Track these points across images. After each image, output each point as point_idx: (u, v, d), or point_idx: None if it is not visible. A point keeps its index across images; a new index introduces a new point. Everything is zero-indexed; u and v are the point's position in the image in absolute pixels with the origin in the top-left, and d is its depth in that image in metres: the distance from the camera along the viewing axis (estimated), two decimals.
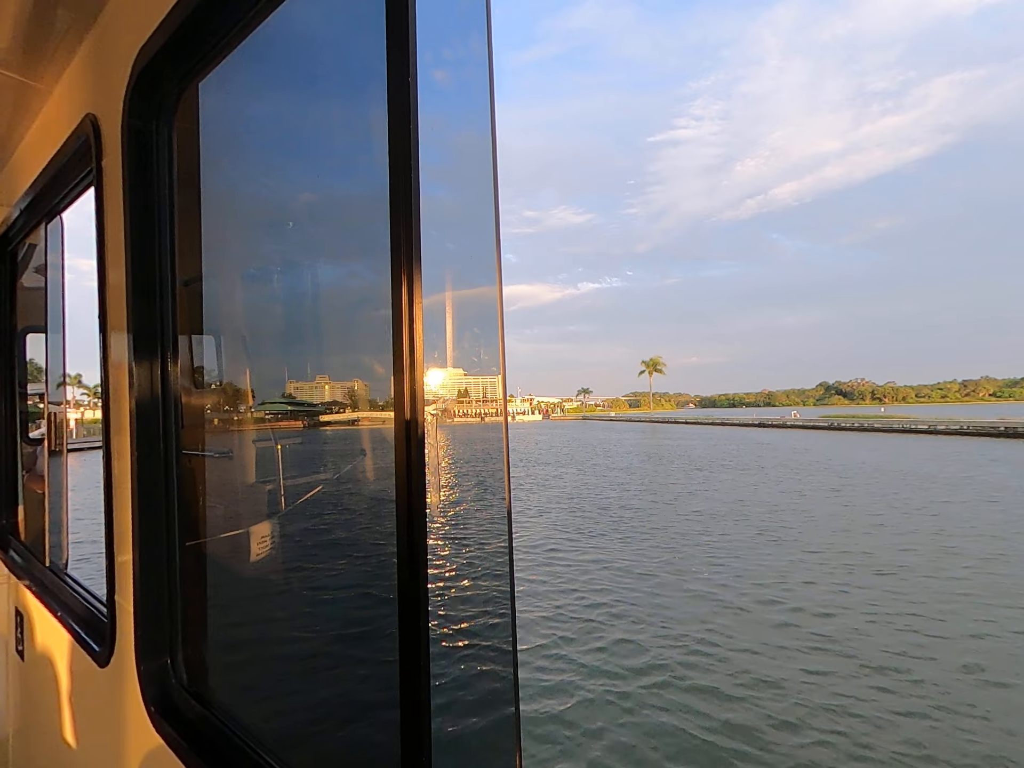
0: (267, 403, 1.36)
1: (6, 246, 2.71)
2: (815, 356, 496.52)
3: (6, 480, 2.81)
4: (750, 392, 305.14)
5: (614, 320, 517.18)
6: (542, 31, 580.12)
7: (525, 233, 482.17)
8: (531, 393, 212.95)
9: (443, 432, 0.77)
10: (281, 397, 1.30)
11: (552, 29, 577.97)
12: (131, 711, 1.37)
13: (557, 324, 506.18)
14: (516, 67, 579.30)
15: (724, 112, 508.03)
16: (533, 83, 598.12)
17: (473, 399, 12.31)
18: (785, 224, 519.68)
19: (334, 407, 1.31)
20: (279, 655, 1.30)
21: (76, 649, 1.72)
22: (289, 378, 1.33)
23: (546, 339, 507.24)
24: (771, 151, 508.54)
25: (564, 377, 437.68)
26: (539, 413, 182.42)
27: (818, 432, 64.74)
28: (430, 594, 0.70)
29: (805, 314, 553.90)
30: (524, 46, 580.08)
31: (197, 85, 1.32)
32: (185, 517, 1.38)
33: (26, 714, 2.31)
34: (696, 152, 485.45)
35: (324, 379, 1.26)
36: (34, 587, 2.21)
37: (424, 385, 0.71)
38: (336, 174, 1.16)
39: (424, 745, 0.70)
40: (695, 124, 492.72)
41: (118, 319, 1.42)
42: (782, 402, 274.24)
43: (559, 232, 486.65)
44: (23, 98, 1.98)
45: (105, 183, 1.51)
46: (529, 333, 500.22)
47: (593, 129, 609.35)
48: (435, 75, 0.74)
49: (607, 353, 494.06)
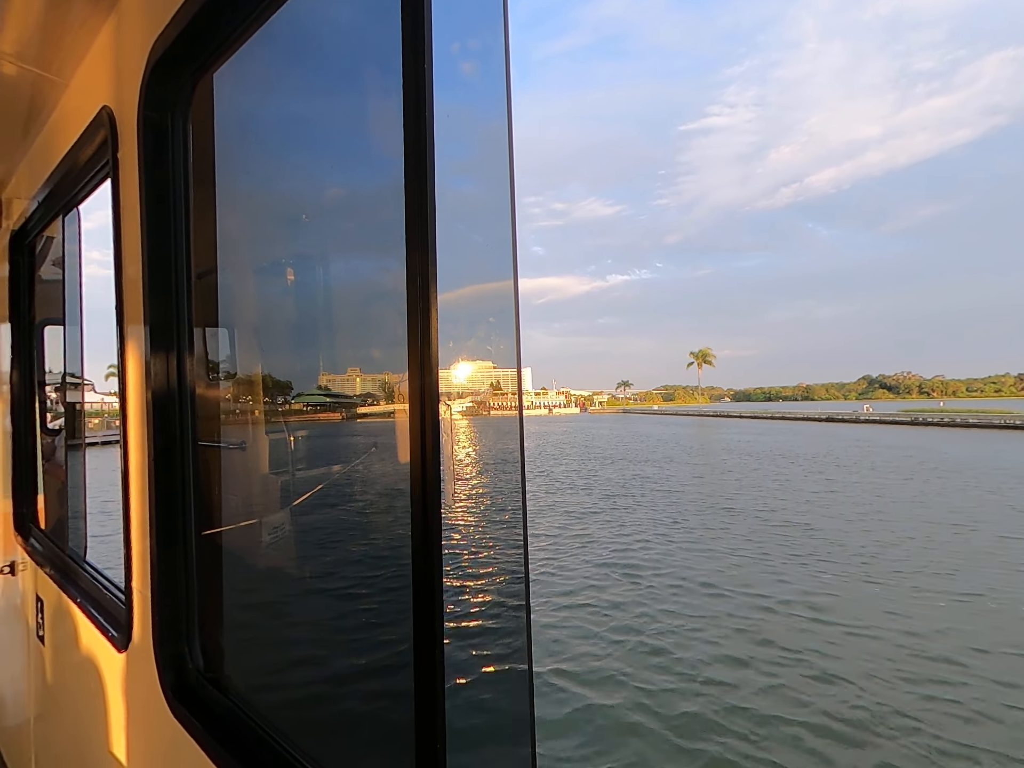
0: (303, 395, 1.37)
1: (24, 239, 2.74)
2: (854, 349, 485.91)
3: (26, 470, 2.86)
4: (786, 386, 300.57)
5: (643, 313, 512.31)
6: (571, 21, 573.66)
7: (554, 226, 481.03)
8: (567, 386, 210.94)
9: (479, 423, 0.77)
10: (316, 389, 1.31)
11: (581, 19, 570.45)
12: (149, 696, 1.39)
13: (585, 317, 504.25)
14: (544, 58, 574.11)
15: (759, 98, 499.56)
16: (562, 74, 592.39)
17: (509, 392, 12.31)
18: (821, 212, 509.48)
19: (368, 399, 1.31)
20: (295, 642, 1.32)
21: (95, 635, 1.76)
22: (305, 371, 1.33)
23: (574, 332, 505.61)
24: (808, 137, 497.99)
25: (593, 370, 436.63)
26: (576, 406, 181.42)
27: (907, 428, 59.67)
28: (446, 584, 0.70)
29: (842, 305, 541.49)
30: (553, 36, 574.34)
31: (212, 76, 1.33)
32: (201, 507, 1.39)
33: (47, 698, 2.36)
34: (729, 140, 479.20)
35: (356, 371, 1.26)
36: (54, 574, 2.26)
37: (439, 378, 0.71)
38: (354, 165, 1.15)
39: (439, 733, 0.70)
40: (728, 112, 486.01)
41: (135, 311, 1.43)
42: (821, 396, 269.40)
43: (588, 224, 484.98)
44: (40, 91, 2.00)
45: (121, 175, 1.52)
46: (557, 326, 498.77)
47: (623, 119, 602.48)
48: (451, 65, 0.73)
49: (636, 346, 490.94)
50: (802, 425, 69.40)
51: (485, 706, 0.77)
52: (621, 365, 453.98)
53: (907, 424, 64.54)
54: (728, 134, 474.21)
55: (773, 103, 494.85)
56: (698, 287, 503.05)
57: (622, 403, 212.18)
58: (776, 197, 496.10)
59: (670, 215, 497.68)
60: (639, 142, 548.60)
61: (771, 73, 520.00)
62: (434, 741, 0.70)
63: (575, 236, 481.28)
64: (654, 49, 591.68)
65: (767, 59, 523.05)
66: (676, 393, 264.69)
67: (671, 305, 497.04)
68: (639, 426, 74.31)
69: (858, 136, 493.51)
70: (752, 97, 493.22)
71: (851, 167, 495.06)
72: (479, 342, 0.76)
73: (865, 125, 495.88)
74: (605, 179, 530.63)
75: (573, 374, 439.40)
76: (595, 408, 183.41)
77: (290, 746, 1.07)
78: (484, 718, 0.77)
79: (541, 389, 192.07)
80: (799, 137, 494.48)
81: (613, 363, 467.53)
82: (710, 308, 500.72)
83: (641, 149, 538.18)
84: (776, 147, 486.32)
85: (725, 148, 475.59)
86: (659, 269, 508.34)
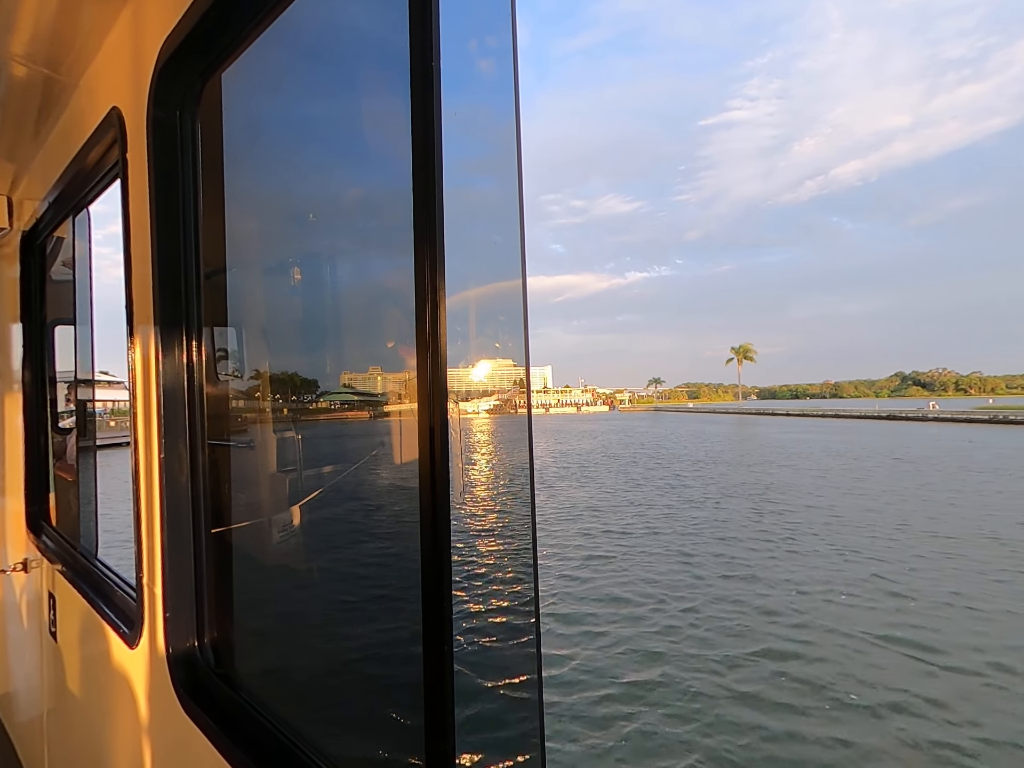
0: (329, 393, 1.37)
1: (34, 240, 2.77)
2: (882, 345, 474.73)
3: (38, 468, 2.89)
4: (812, 383, 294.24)
5: (663, 310, 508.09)
6: (590, 17, 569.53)
7: (572, 223, 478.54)
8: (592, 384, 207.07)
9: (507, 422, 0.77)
10: (341, 387, 1.31)
11: (600, 15, 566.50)
12: (160, 692, 1.41)
13: (604, 315, 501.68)
14: (563, 55, 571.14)
15: (782, 91, 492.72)
16: (580, 70, 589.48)
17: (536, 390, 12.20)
18: (847, 206, 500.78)
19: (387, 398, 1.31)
20: (305, 639, 1.33)
21: (107, 631, 1.78)
22: (316, 370, 1.34)
23: (592, 330, 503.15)
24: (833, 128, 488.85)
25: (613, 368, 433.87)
26: (603, 404, 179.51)
27: (989, 427, 54.28)
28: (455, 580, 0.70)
29: (870, 301, 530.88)
30: (571, 33, 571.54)
31: (220, 76, 1.33)
32: (211, 504, 1.41)
33: (60, 693, 2.39)
34: (750, 134, 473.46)
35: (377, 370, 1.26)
36: (66, 571, 2.28)
37: (447, 376, 0.71)
38: (363, 164, 1.16)
39: (448, 731, 0.71)
40: (749, 105, 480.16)
41: (144, 310, 1.45)
42: (850, 393, 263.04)
43: (607, 221, 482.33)
44: (50, 92, 2.01)
45: (130, 175, 1.53)
46: (576, 324, 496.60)
47: (642, 115, 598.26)
48: (459, 64, 0.73)
49: (656, 344, 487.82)
50: (864, 423, 64.71)
51: (494, 697, 0.77)
52: (641, 363, 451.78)
53: (986, 422, 58.61)
54: (750, 128, 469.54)
55: (797, 95, 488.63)
56: (719, 284, 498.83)
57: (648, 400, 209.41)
58: (799, 191, 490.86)
59: (690, 211, 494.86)
60: (659, 137, 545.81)
61: (794, 65, 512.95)
62: (444, 739, 0.71)
63: (594, 233, 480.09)
64: (674, 43, 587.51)
65: (790, 50, 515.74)
66: (701, 391, 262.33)
67: (691, 302, 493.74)
68: (687, 424, 70.13)
69: (886, 126, 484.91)
70: (775, 90, 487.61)
71: (878, 158, 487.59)
72: (488, 340, 0.76)
73: (893, 115, 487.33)
74: (624, 175, 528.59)
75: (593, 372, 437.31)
76: (625, 406, 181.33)
77: (300, 741, 1.08)
78: (492, 707, 0.77)
79: (564, 387, 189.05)
80: (824, 129, 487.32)
81: (633, 361, 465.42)
82: (732, 305, 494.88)
83: (661, 144, 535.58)
84: (800, 140, 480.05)
85: (747, 142, 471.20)
86: (679, 266, 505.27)
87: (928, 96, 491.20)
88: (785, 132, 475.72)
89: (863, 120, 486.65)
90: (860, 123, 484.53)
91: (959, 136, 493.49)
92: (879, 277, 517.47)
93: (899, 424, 63.92)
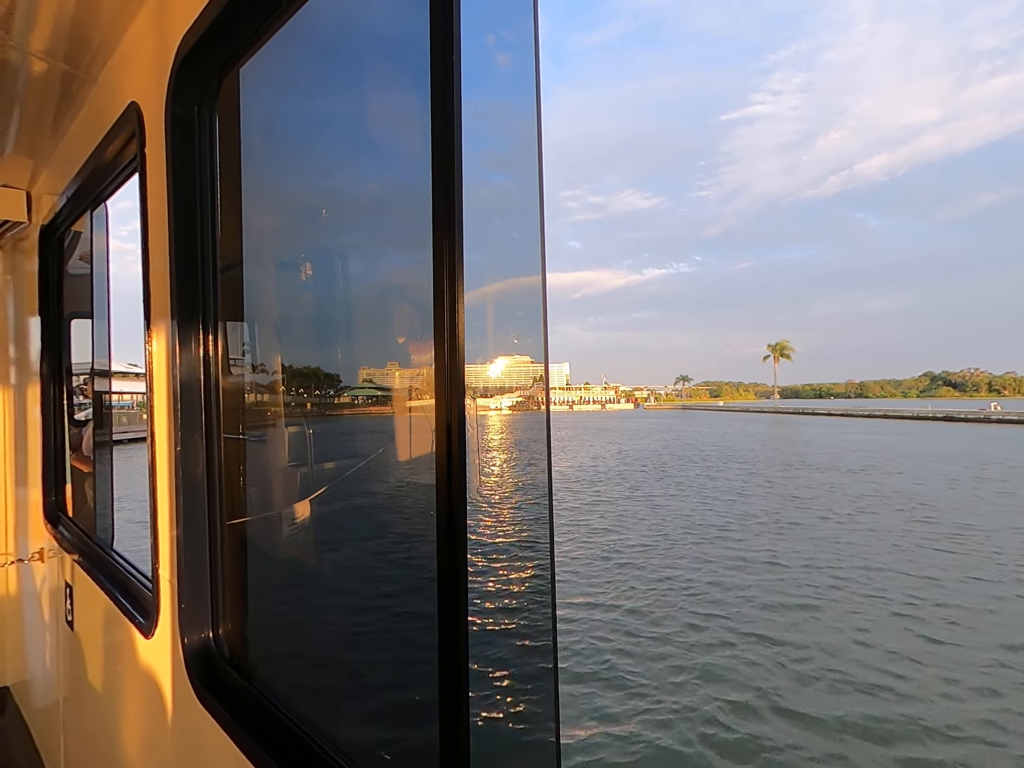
0: (353, 388, 1.38)
1: (53, 233, 2.80)
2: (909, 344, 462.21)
3: (55, 460, 2.93)
4: (836, 382, 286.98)
5: (681, 307, 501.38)
6: (609, 10, 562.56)
7: (591, 219, 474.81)
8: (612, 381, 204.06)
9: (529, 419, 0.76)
10: (363, 382, 1.32)
11: (620, 8, 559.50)
12: (175, 681, 1.43)
13: (621, 311, 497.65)
14: (582, 49, 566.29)
15: (806, 84, 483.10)
16: (600, 65, 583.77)
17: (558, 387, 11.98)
18: (872, 201, 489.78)
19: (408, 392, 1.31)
20: (319, 631, 1.34)
21: (122, 621, 1.80)
22: (331, 365, 1.35)
23: (609, 327, 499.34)
24: (858, 122, 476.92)
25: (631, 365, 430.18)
26: (628, 401, 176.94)
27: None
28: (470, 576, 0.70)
29: (894, 298, 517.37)
30: (590, 27, 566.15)
31: (238, 71, 1.34)
32: (226, 497, 1.42)
33: (75, 682, 2.43)
34: (773, 128, 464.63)
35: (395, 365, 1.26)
36: (83, 561, 2.32)
37: (465, 373, 0.71)
38: (381, 159, 1.16)
39: (463, 723, 0.71)
40: (772, 99, 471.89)
41: (161, 304, 1.46)
42: (876, 393, 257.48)
43: (625, 217, 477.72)
44: (69, 88, 2.03)
45: (148, 170, 1.54)
46: (592, 321, 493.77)
47: (662, 110, 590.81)
48: (479, 59, 0.73)
49: (674, 341, 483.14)
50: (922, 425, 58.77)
51: (510, 699, 0.77)
52: (659, 361, 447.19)
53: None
54: (772, 122, 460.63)
55: (821, 88, 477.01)
56: (739, 281, 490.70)
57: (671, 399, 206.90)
58: (823, 186, 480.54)
59: (710, 207, 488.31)
60: (679, 133, 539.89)
61: (819, 57, 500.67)
62: (458, 731, 0.71)
63: (612, 229, 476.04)
64: (695, 37, 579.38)
65: (815, 42, 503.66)
66: (722, 389, 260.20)
67: (711, 299, 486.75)
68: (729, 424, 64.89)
69: (914, 120, 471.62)
70: (799, 83, 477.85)
71: (906, 152, 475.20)
72: (505, 336, 0.76)
73: (921, 108, 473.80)
74: (643, 171, 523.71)
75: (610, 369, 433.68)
76: (651, 404, 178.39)
77: (313, 732, 1.09)
78: (508, 711, 0.77)
79: (584, 384, 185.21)
80: (849, 122, 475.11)
81: (651, 358, 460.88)
82: (753, 302, 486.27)
83: (681, 140, 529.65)
84: (824, 134, 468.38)
85: (769, 137, 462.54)
86: (698, 262, 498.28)
87: (958, 88, 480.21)
88: (809, 126, 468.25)
89: (890, 113, 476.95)
90: (887, 116, 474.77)
91: (991, 129, 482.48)
92: (905, 273, 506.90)
93: (961, 426, 58.30)
